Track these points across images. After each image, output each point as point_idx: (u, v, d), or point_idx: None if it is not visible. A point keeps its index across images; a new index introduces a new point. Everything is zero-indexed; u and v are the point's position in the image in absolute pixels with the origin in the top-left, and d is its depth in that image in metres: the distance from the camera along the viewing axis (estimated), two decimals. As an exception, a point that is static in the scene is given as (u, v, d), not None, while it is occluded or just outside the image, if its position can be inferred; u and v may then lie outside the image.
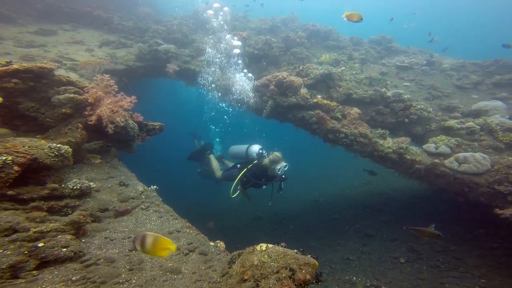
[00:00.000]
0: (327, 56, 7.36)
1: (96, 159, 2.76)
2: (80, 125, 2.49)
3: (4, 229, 1.37)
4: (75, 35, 7.51)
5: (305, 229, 6.55)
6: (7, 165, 1.61)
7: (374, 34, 9.06)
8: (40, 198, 1.77)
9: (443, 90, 5.90)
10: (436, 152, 3.82)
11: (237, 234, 6.99)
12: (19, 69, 2.27)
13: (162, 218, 2.15)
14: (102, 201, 2.13)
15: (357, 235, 5.57)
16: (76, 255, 1.30)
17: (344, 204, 7.92)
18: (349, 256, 4.76)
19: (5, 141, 1.80)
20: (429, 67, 7.06)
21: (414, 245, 4.32)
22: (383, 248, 4.65)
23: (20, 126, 2.38)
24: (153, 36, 7.70)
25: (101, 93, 2.62)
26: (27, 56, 4.74)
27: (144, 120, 3.38)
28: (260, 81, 5.58)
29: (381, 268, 4.05)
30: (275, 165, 3.85)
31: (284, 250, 1.31)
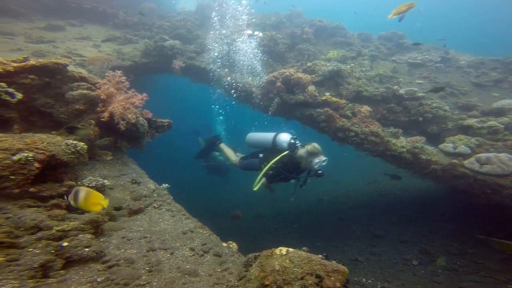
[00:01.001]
0: (335, 53, 7.25)
1: (107, 155, 2.77)
2: (93, 121, 2.50)
3: (30, 227, 1.38)
4: (82, 30, 7.54)
5: (310, 229, 6.50)
6: (28, 161, 1.62)
7: (383, 31, 8.88)
8: (58, 196, 1.78)
9: (460, 88, 5.75)
10: (454, 152, 3.73)
11: (239, 232, 7.00)
12: (36, 65, 2.27)
13: (175, 218, 2.15)
14: (116, 199, 2.14)
15: (365, 235, 5.52)
16: (98, 255, 1.30)
17: (350, 203, 7.86)
18: (357, 257, 4.72)
19: (24, 137, 1.81)
20: (444, 64, 6.90)
21: (427, 247, 4.26)
22: (393, 249, 4.59)
23: (36, 122, 2.40)
24: (158, 32, 7.69)
25: (113, 90, 2.62)
26: (38, 52, 4.77)
27: (153, 117, 3.38)
28: (266, 78, 5.53)
29: (392, 270, 4.01)
30: (313, 157, 3.44)
31: (307, 255, 1.29)
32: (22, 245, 1.25)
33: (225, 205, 10.22)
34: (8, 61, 2.21)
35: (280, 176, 3.69)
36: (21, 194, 1.64)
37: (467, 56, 7.37)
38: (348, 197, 8.98)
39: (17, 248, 1.22)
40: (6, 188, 1.56)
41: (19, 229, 1.38)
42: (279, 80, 5.35)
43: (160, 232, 1.87)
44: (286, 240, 6.15)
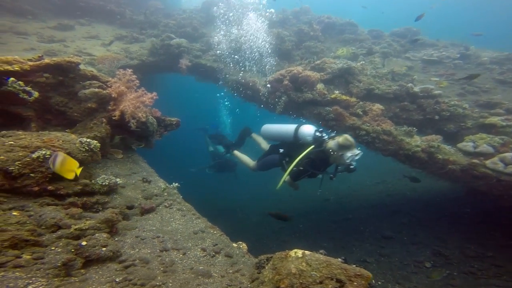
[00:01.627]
0: (344, 50, 7.11)
1: (118, 154, 2.80)
2: (104, 119, 2.53)
3: (51, 225, 1.40)
4: (90, 29, 7.66)
5: (316, 229, 6.43)
6: (46, 159, 1.64)
7: (395, 27, 8.65)
8: (74, 194, 1.81)
9: (481, 85, 5.51)
10: (475, 151, 3.58)
11: (244, 231, 6.99)
12: (50, 63, 2.31)
13: (185, 217, 2.16)
14: (128, 198, 2.16)
15: (373, 236, 5.43)
16: (114, 255, 1.31)
17: (357, 203, 7.73)
18: (366, 258, 4.64)
19: (42, 134, 1.85)
20: (463, 60, 6.65)
21: (441, 249, 4.14)
22: (404, 251, 4.49)
23: (51, 121, 2.45)
24: (164, 31, 7.73)
25: (124, 88, 2.64)
26: (50, 51, 4.87)
27: (162, 115, 3.40)
28: (273, 76, 5.47)
29: (403, 272, 3.92)
30: (345, 151, 3.07)
31: (326, 258, 1.26)
32: (45, 243, 1.27)
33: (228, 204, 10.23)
34: (24, 60, 2.25)
35: (306, 174, 3.36)
36: (40, 192, 1.68)
37: (490, 52, 7.06)
38: (355, 197, 8.83)
39: (41, 246, 1.24)
40: (26, 186, 1.60)
41: (40, 227, 1.41)
42: (286, 78, 5.28)
43: (172, 232, 1.87)
44: (292, 239, 6.11)
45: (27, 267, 1.10)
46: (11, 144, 1.65)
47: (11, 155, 1.59)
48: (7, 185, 1.57)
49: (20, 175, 1.61)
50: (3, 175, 1.55)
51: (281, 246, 5.99)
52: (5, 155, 1.57)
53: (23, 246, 1.18)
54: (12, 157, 1.58)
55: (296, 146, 3.55)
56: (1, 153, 1.58)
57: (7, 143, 1.65)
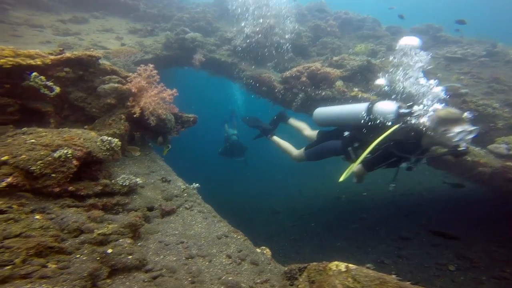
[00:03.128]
0: (363, 47, 6.79)
1: (136, 151, 2.73)
2: (123, 116, 2.44)
3: (74, 230, 1.33)
4: (104, 23, 7.63)
5: (328, 228, 6.26)
6: (68, 159, 1.57)
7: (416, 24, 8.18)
8: (94, 195, 1.73)
9: (510, 83, 5.15)
10: (508, 153, 3.35)
11: (254, 229, 6.92)
12: (71, 57, 2.23)
13: (207, 220, 2.06)
14: (148, 199, 2.08)
15: (390, 237, 5.22)
16: (140, 263, 1.23)
17: (371, 203, 7.49)
18: (383, 260, 4.45)
19: (62, 132, 1.77)
20: (490, 58, 6.21)
21: (465, 252, 3.91)
22: (424, 253, 4.28)
23: (69, 117, 2.39)
24: (177, 24, 7.62)
25: (144, 83, 2.54)
26: (65, 44, 4.85)
27: (179, 111, 3.30)
28: (290, 72, 5.28)
29: (424, 274, 3.73)
30: (450, 126, 2.29)
31: (378, 274, 1.12)
32: (69, 250, 1.20)
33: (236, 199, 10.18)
34: (46, 54, 2.18)
35: (389, 160, 2.65)
36: (60, 193, 1.60)
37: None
38: (368, 196, 8.59)
39: (65, 254, 1.16)
40: (47, 186, 1.53)
41: (63, 231, 1.33)
42: (304, 74, 5.10)
43: (195, 237, 1.78)
44: (304, 238, 6.00)
45: (53, 277, 1.01)
46: (32, 142, 1.58)
47: (32, 154, 1.51)
48: (28, 185, 1.50)
49: (41, 175, 1.54)
50: (24, 175, 1.48)
51: (293, 245, 5.83)
52: (26, 154, 1.50)
53: (47, 254, 1.10)
54: (34, 156, 1.51)
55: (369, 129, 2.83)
56: (23, 152, 1.50)
57: (29, 141, 1.58)
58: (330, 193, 9.48)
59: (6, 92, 2.00)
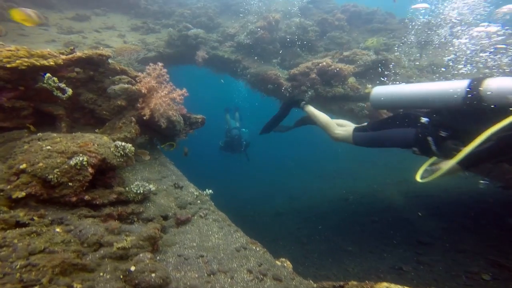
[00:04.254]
0: (375, 41, 6.65)
1: (145, 155, 2.71)
2: (134, 118, 2.41)
3: (93, 243, 1.30)
4: (106, 20, 7.64)
5: (337, 231, 6.08)
6: (83, 167, 1.54)
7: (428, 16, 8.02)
8: (109, 204, 1.71)
9: None
10: None
11: (258, 231, 6.85)
12: (82, 57, 2.20)
13: (223, 230, 2.03)
14: (162, 207, 2.05)
15: (406, 242, 4.99)
16: (164, 282, 1.20)
17: (382, 205, 7.31)
18: (402, 266, 4.21)
19: (76, 137, 1.75)
20: None
21: (499, 259, 3.66)
22: (448, 259, 4.00)
23: (79, 119, 2.36)
24: (178, 21, 7.58)
25: (154, 84, 2.51)
26: (69, 43, 4.86)
27: (188, 112, 3.26)
28: (298, 69, 5.21)
29: (452, 283, 3.45)
30: None
31: None
32: (91, 267, 1.17)
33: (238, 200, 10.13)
34: (57, 53, 2.15)
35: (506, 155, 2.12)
36: (77, 203, 1.58)
37: None
38: (376, 197, 8.40)
39: (88, 271, 1.14)
40: (64, 196, 1.50)
41: (83, 245, 1.31)
42: (313, 71, 5.03)
43: (213, 249, 1.75)
44: (312, 242, 5.89)
45: (78, 298, 0.99)
46: (48, 149, 1.56)
47: (49, 162, 1.49)
48: (45, 194, 1.48)
49: (58, 184, 1.52)
50: (41, 184, 1.46)
51: (301, 249, 5.83)
52: (43, 162, 1.48)
53: (71, 271, 1.08)
54: (51, 164, 1.49)
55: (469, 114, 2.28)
56: (40, 160, 1.48)
57: (45, 148, 1.56)
58: (336, 193, 9.39)
59: (21, 94, 1.98)
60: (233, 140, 7.63)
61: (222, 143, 8.02)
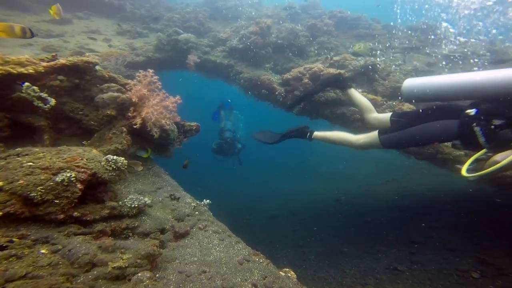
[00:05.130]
0: (362, 46, 6.87)
1: (138, 166, 2.59)
2: (124, 129, 2.30)
3: (85, 264, 1.19)
4: (89, 23, 7.38)
5: (332, 232, 6.14)
6: (71, 183, 1.43)
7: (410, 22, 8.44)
8: (101, 219, 1.60)
9: None
10: None
11: (254, 234, 6.76)
12: (66, 64, 2.07)
13: (224, 242, 1.96)
14: (158, 220, 1.95)
15: (399, 241, 5.14)
16: (168, 303, 1.11)
17: (374, 205, 7.50)
18: (397, 266, 4.33)
19: (61, 152, 1.62)
20: (490, 56, 6.45)
21: (487, 257, 3.81)
22: (440, 258, 4.15)
23: (64, 130, 2.21)
24: (168, 25, 7.49)
25: (145, 91, 2.41)
26: (49, 47, 4.62)
27: (181, 120, 3.17)
28: (290, 74, 5.25)
29: (445, 282, 3.57)
30: None
31: None
32: (84, 295, 1.06)
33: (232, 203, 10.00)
34: (37, 61, 2.01)
35: None
36: (65, 220, 1.46)
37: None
38: (368, 197, 8.61)
39: (81, 301, 1.03)
40: (50, 213, 1.38)
41: (73, 266, 1.20)
42: (305, 76, 5.08)
43: (216, 263, 1.67)
44: (307, 244, 5.91)
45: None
46: (30, 166, 1.43)
47: (32, 179, 1.37)
48: (27, 212, 1.36)
49: (43, 202, 1.39)
50: (22, 202, 1.34)
51: (297, 252, 5.78)
52: (24, 179, 1.35)
53: (62, 301, 0.97)
54: (33, 181, 1.36)
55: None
56: (20, 177, 1.36)
57: (26, 164, 1.43)
58: (329, 194, 9.50)
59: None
60: (226, 143, 7.30)
61: (216, 144, 7.58)
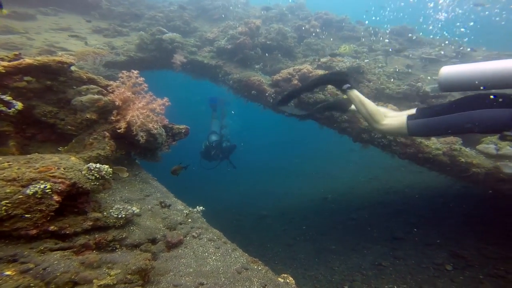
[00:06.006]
0: (347, 48, 7.11)
1: (123, 172, 2.41)
2: (107, 133, 2.13)
3: (64, 283, 1.05)
4: (58, 20, 6.87)
5: (320, 230, 6.35)
6: (46, 195, 1.27)
7: (390, 25, 8.89)
8: (83, 232, 1.45)
9: None
10: (498, 154, 3.63)
11: (245, 235, 6.72)
12: (34, 64, 1.86)
13: (220, 250, 1.88)
14: (148, 229, 1.82)
15: (383, 237, 5.44)
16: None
17: (358, 202, 7.79)
18: (381, 262, 4.60)
19: (32, 160, 1.44)
20: (460, 59, 6.97)
21: (458, 250, 4.19)
22: (419, 253, 4.51)
23: (36, 136, 1.99)
24: (150, 24, 7.21)
25: (130, 94, 2.26)
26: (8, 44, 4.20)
27: (169, 122, 3.02)
28: (280, 75, 5.27)
29: (424, 276, 3.91)
30: None
31: None
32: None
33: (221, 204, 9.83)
34: (-2, 60, 1.79)
35: None
36: (38, 235, 1.30)
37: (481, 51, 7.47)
38: (353, 195, 8.95)
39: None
40: (19, 229, 1.22)
41: (49, 286, 1.05)
42: (295, 77, 5.13)
43: (213, 274, 1.59)
44: (297, 243, 6.01)
45: None
46: (-4, 178, 1.25)
47: (-2, 193, 1.20)
48: (-10, 230, 1.18)
49: (9, 217, 1.22)
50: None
51: (288, 251, 5.81)
52: (-11, 194, 1.18)
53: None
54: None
55: None
56: (-16, 191, 1.18)
57: (-11, 177, 1.25)
58: (316, 193, 9.69)
59: None
60: (213, 147, 6.82)
61: (205, 145, 7.11)
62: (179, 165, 2.73)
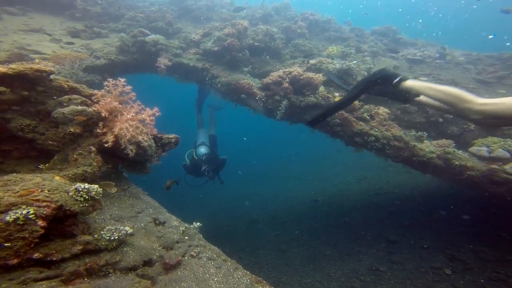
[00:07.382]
0: (335, 49, 7.31)
1: (111, 187, 2.31)
2: (93, 148, 2.03)
3: None
4: (28, 21, 6.52)
5: (313, 234, 6.34)
6: (30, 220, 1.19)
7: (375, 26, 9.30)
8: (72, 257, 1.36)
9: (466, 85, 6.11)
10: (490, 156, 3.72)
11: (236, 241, 6.65)
12: (8, 73, 1.73)
13: (222, 270, 1.84)
14: (143, 250, 1.75)
15: (377, 241, 5.42)
16: None
17: (349, 205, 7.86)
18: (378, 267, 4.54)
19: (10, 182, 1.34)
20: (443, 60, 7.40)
21: (454, 253, 4.25)
22: (416, 256, 4.54)
23: (11, 152, 1.85)
24: (130, 25, 7.03)
25: (116, 104, 2.17)
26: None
27: (158, 132, 2.94)
28: (270, 78, 5.31)
29: (423, 280, 3.91)
30: None
31: None
32: None
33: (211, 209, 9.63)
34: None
35: None
36: (20, 264, 1.20)
37: (459, 52, 7.99)
38: (343, 197, 9.01)
39: None
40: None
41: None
42: (285, 80, 5.17)
43: (217, 296, 1.55)
44: (290, 248, 5.93)
45: None
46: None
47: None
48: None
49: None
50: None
51: (281, 257, 5.64)
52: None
53: None
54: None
55: None
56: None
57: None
58: (306, 195, 9.74)
59: None
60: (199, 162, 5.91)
61: (188, 157, 6.27)
62: (171, 180, 2.65)
